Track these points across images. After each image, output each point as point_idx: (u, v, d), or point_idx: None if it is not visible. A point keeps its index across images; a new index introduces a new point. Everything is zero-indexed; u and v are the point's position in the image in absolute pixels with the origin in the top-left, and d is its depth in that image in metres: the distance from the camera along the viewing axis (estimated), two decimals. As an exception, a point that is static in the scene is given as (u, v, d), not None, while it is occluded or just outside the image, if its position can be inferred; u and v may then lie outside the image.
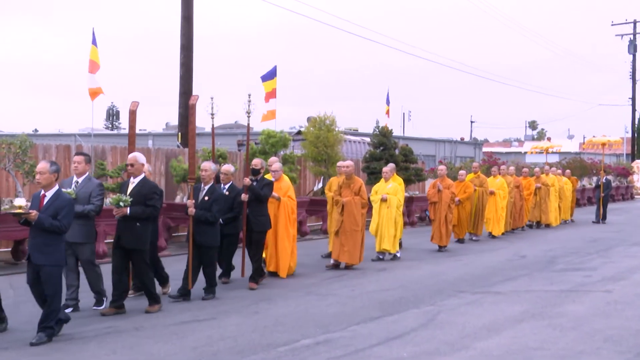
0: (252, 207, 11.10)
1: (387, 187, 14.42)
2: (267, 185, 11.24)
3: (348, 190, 13.09)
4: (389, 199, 14.22)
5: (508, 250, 16.53)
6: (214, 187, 10.20)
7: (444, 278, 12.23)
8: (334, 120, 19.70)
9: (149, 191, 9.02)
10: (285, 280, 11.73)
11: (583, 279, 12.23)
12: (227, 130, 44.46)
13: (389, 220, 14.18)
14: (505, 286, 11.47)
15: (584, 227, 23.08)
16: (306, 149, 19.61)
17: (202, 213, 9.87)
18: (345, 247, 12.89)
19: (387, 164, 21.53)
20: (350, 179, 13.17)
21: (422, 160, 29.10)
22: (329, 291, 10.84)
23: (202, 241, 9.92)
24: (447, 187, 16.00)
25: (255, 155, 17.41)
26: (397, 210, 14.28)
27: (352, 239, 12.87)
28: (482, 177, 18.80)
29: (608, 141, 26.62)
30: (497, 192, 19.05)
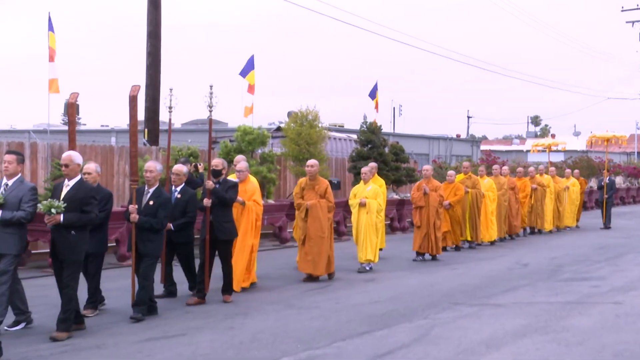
0: (216, 212, 10.80)
1: (367, 190, 14.19)
2: (233, 187, 11.00)
3: (312, 192, 12.84)
4: (368, 203, 13.97)
5: (508, 258, 16.59)
6: (160, 190, 9.91)
7: (439, 289, 12.25)
8: (317, 115, 19.72)
9: (86, 195, 8.61)
10: (263, 293, 11.70)
11: (590, 290, 12.29)
12: (199, 126, 44.33)
13: (370, 226, 13.97)
14: (505, 297, 11.51)
15: (591, 233, 23.21)
16: (286, 147, 19.60)
17: (146, 220, 9.59)
18: (308, 256, 12.69)
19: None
20: (315, 179, 12.90)
21: (414, 160, 29.17)
22: (311, 304, 10.82)
23: (145, 250, 9.63)
24: (434, 190, 15.74)
25: (230, 154, 17.38)
26: (377, 216, 14.12)
27: (317, 246, 12.65)
28: (474, 177, 18.61)
29: (613, 136, 26.40)
30: (485, 194, 18.81)
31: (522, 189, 21.48)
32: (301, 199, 12.92)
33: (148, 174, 9.91)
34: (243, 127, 17.88)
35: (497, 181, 19.63)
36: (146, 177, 9.92)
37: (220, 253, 10.95)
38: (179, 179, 11.10)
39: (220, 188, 10.87)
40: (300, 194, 12.96)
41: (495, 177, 19.77)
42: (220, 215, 10.83)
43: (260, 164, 17.87)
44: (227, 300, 10.80)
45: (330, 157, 23.09)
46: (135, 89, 9.89)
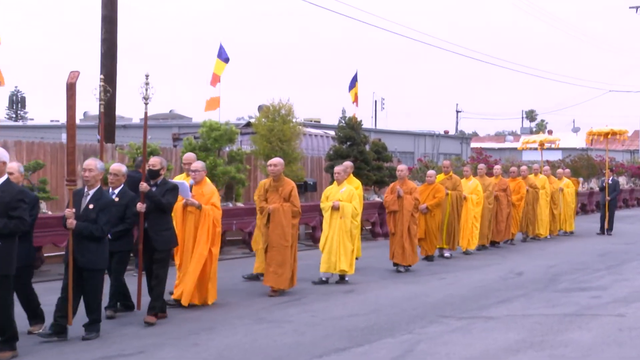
0: (152, 219, 10.50)
1: (340, 192, 14.01)
2: (171, 190, 10.66)
3: (276, 194, 12.63)
4: (342, 206, 13.78)
5: (501, 266, 16.67)
6: (102, 191, 9.57)
7: (425, 300, 12.28)
8: (291, 109, 19.70)
9: (13, 198, 8.22)
10: (230, 305, 11.67)
11: (590, 301, 12.38)
12: (159, 121, 44.17)
13: (344, 233, 13.74)
14: (498, 310, 11.56)
15: (590, 239, 23.35)
16: (257, 145, 19.57)
17: (85, 226, 9.26)
18: (270, 267, 12.44)
19: (356, 163, 21.73)
20: (279, 181, 12.67)
21: (397, 158, 29.24)
22: (283, 317, 10.81)
23: (84, 263, 9.26)
24: (409, 192, 15.48)
25: (195, 151, 17.31)
26: (353, 221, 13.90)
27: (279, 256, 12.40)
28: (456, 178, 18.29)
29: (611, 131, 26.28)
30: (469, 197, 18.59)
31: (516, 190, 21.21)
32: (265, 202, 12.73)
33: (87, 173, 9.52)
34: (209, 122, 17.82)
35: (482, 182, 19.38)
36: (84, 176, 9.52)
37: (155, 264, 10.55)
38: (117, 180, 10.67)
39: (157, 191, 10.53)
40: (264, 196, 12.78)
41: (481, 178, 19.59)
42: (157, 222, 10.52)
43: (228, 163, 17.83)
44: (150, 322, 10.22)
45: (305, 156, 23.07)
46: (73, 75, 9.52)
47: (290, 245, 12.52)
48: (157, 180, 10.71)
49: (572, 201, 24.64)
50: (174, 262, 11.74)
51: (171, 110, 50.89)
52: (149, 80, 10.63)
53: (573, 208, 24.78)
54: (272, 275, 12.43)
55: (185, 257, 11.35)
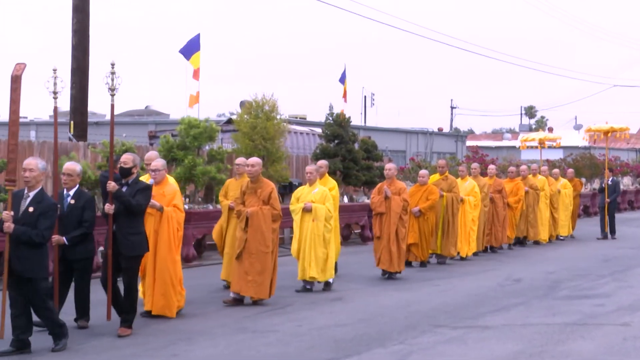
0: (120, 222, 10.32)
1: (312, 193, 13.84)
2: (143, 190, 10.44)
3: (254, 197, 12.48)
4: (314, 209, 13.61)
5: (498, 272, 16.71)
6: (43, 194, 9.36)
7: (417, 308, 12.31)
8: (275, 105, 19.69)
9: None
10: (210, 313, 11.67)
11: (593, 309, 12.43)
12: (135, 118, 44.11)
13: (316, 237, 13.58)
14: (495, 318, 11.60)
15: (593, 243, 23.44)
16: (239, 143, 19.55)
17: (23, 230, 9.02)
18: (249, 276, 12.22)
19: (344, 162, 21.78)
20: (257, 182, 12.56)
21: (388, 157, 29.25)
22: (267, 327, 10.82)
23: (21, 270, 9.03)
24: (398, 193, 15.34)
25: (172, 150, 17.31)
26: (326, 224, 13.72)
27: (259, 264, 12.24)
28: (452, 179, 18.18)
29: (611, 129, 26.07)
30: (466, 200, 18.46)
31: (514, 192, 21.12)
32: (242, 205, 12.61)
33: (27, 173, 9.28)
34: (187, 119, 17.80)
35: (477, 183, 19.27)
36: (24, 177, 9.30)
37: (124, 272, 10.41)
38: (72, 181, 10.40)
39: (127, 191, 10.32)
40: (241, 199, 12.66)
41: (475, 178, 19.46)
42: (126, 225, 10.30)
43: (208, 162, 17.81)
44: (124, 334, 10.12)
45: (290, 155, 23.07)
46: (19, 67, 9.40)
47: (271, 252, 12.40)
48: (129, 179, 10.44)
49: (570, 203, 24.51)
50: None
51: (147, 106, 50.80)
52: (114, 70, 10.41)
53: (571, 210, 24.65)
54: (251, 284, 12.23)
55: (144, 262, 11.03)
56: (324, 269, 13.72)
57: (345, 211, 20.68)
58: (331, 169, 20.99)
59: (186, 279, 11.97)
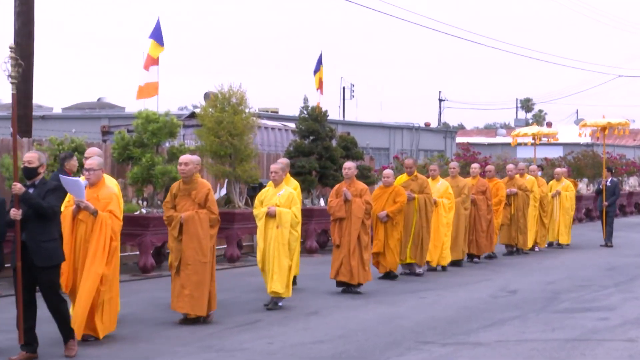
0: (31, 228, 9.98)
1: (278, 195, 13.57)
2: (53, 191, 10.16)
3: (188, 200, 12.21)
4: (279, 213, 13.31)
5: (491, 283, 16.79)
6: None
7: (402, 323, 12.35)
8: (244, 97, 19.67)
9: None
10: (172, 330, 11.65)
11: (596, 323, 12.52)
12: (86, 112, 43.94)
13: (280, 246, 13.29)
14: (487, 334, 11.65)
15: (596, 250, 23.60)
16: (203, 140, 19.53)
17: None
18: (185, 290, 11.97)
19: (320, 161, 21.79)
20: (191, 182, 12.29)
21: (370, 155, 29.32)
22: (235, 345, 10.83)
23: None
24: (359, 195, 15.11)
25: (128, 147, 17.25)
26: (292, 231, 13.44)
27: (196, 276, 11.97)
28: (422, 179, 17.85)
29: (608, 124, 25.81)
30: (439, 202, 18.22)
31: (493, 192, 20.82)
32: (173, 209, 12.30)
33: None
34: (145, 112, 17.74)
35: (455, 184, 19.02)
36: None
37: (42, 286, 10.08)
38: None
39: (35, 193, 10.08)
40: (172, 202, 12.36)
41: (454, 179, 19.23)
42: (37, 231, 10.02)
43: (168, 161, 17.77)
44: (70, 355, 9.99)
45: (260, 153, 23.05)
46: None
47: (209, 261, 12.11)
48: (35, 180, 10.16)
49: (571, 207, 24.45)
50: None
51: (100, 99, 50.60)
52: (14, 54, 10.06)
53: (572, 215, 24.56)
54: (187, 299, 11.95)
55: (74, 277, 10.69)
56: (288, 283, 13.41)
57: (322, 215, 20.71)
58: (306, 169, 21.05)
59: (144, 291, 11.95)
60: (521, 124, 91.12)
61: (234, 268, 18.27)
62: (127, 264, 17.62)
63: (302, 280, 15.62)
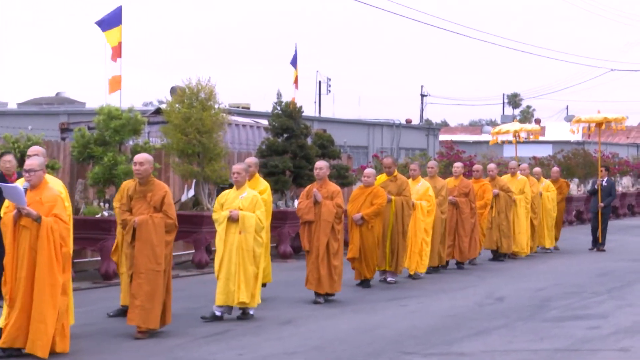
0: None
1: (240, 198, 13.37)
2: None
3: (143, 203, 12.04)
4: (242, 218, 13.13)
5: (477, 289, 16.84)
6: None
7: (381, 333, 12.37)
8: (213, 92, 19.64)
9: None
10: (137, 341, 11.57)
11: (587, 332, 12.58)
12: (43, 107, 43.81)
13: (245, 253, 13.10)
14: (473, 344, 11.68)
15: (587, 255, 23.70)
16: (169, 137, 19.48)
17: None
18: (137, 300, 11.72)
19: (294, 160, 21.79)
20: (147, 184, 12.13)
21: (347, 154, 29.37)
22: (204, 356, 10.81)
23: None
24: (330, 197, 14.99)
25: (89, 146, 17.20)
26: (257, 237, 13.26)
27: (148, 285, 11.74)
28: (402, 179, 17.77)
29: (605, 119, 25.51)
30: (417, 205, 18.06)
31: (479, 195, 20.78)
32: (128, 212, 12.14)
33: None
34: (107, 108, 17.68)
35: (433, 185, 18.77)
36: None
37: None
38: None
39: None
40: (127, 204, 12.19)
41: (432, 179, 19.00)
42: None
43: (132, 160, 17.75)
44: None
45: (231, 151, 23.02)
46: None
47: (164, 270, 11.92)
48: None
49: (553, 208, 24.34)
50: None
51: (58, 93, 50.46)
52: None
53: (554, 217, 24.46)
54: (137, 310, 11.71)
55: (17, 287, 10.39)
56: (254, 292, 13.24)
57: (296, 218, 20.51)
58: (279, 168, 21.05)
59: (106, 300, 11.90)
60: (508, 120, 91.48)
61: (202, 274, 18.20)
62: (88, 271, 17.55)
63: (275, 287, 15.60)
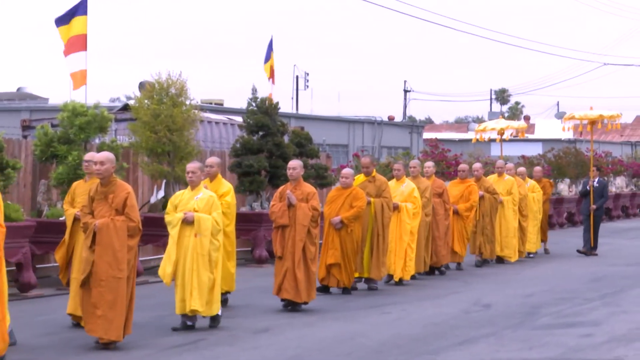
0: None
1: (195, 199, 13.26)
2: None
3: (105, 205, 11.93)
4: (197, 220, 13.01)
5: (463, 296, 16.87)
6: None
7: (362, 343, 12.37)
8: (184, 87, 19.62)
9: None
10: (103, 352, 11.54)
11: (580, 340, 12.61)
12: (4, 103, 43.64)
13: (199, 257, 12.97)
14: (458, 353, 11.71)
15: (579, 260, 23.71)
16: (138, 135, 19.44)
17: None
18: (98, 310, 11.55)
19: (270, 159, 21.78)
20: (109, 185, 12.02)
21: (327, 153, 29.38)
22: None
23: None
24: (305, 199, 14.93)
25: (52, 144, 17.14)
26: (212, 241, 13.12)
27: (111, 293, 11.60)
28: (381, 179, 17.69)
29: (600, 117, 25.28)
30: (402, 207, 18.02)
31: (465, 197, 20.79)
32: (90, 215, 12.02)
33: None
34: (72, 104, 17.61)
35: (417, 185, 18.69)
36: None
37: None
38: None
39: None
40: (89, 206, 12.09)
41: (415, 180, 18.89)
42: None
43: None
44: None
45: (203, 150, 23.00)
46: None
47: (127, 277, 11.79)
48: None
49: (538, 210, 24.30)
50: None
51: (20, 89, 50.25)
52: None
53: (540, 220, 24.41)
54: (100, 321, 11.55)
55: None
56: (210, 299, 13.08)
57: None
58: (255, 168, 21.03)
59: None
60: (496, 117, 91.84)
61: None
62: (51, 277, 17.47)
63: (251, 294, 15.60)
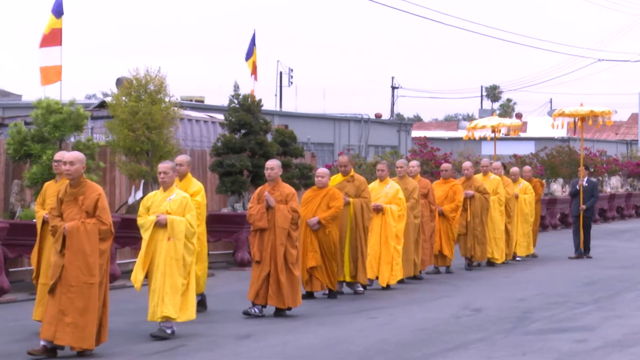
0: None
1: (168, 201, 13.16)
2: None
3: (75, 207, 11.77)
4: (170, 222, 12.89)
5: (453, 300, 16.88)
6: None
7: (349, 348, 12.36)
8: (163, 84, 19.60)
9: None
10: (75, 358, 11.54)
11: (573, 346, 12.62)
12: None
13: (173, 261, 12.85)
14: (448, 359, 11.70)
15: (572, 263, 23.78)
16: (115, 133, 19.40)
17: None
18: (67, 317, 11.34)
19: (253, 159, 21.76)
20: (78, 185, 11.84)
21: (311, 152, 29.39)
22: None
23: None
24: (284, 201, 14.83)
25: (25, 142, 17.09)
26: (187, 244, 13.02)
27: (81, 300, 11.44)
28: (359, 179, 17.58)
29: (591, 113, 25.02)
30: (387, 209, 17.97)
31: (450, 197, 20.70)
32: (59, 218, 11.86)
33: None
34: (46, 101, 17.58)
35: (404, 186, 18.59)
36: None
37: None
38: None
39: None
40: (58, 209, 11.93)
41: (402, 180, 18.84)
42: None
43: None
44: None
45: (183, 149, 22.97)
46: None
47: (100, 282, 11.63)
48: None
49: (530, 213, 24.18)
50: None
51: None
52: None
53: (531, 223, 24.31)
54: (69, 328, 11.36)
55: None
56: (183, 305, 12.98)
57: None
58: (236, 168, 21.01)
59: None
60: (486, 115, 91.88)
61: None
62: (25, 281, 17.41)
63: (232, 298, 15.58)
